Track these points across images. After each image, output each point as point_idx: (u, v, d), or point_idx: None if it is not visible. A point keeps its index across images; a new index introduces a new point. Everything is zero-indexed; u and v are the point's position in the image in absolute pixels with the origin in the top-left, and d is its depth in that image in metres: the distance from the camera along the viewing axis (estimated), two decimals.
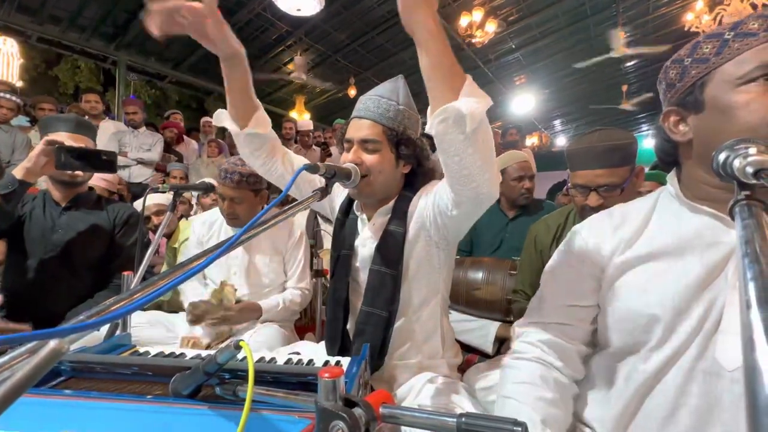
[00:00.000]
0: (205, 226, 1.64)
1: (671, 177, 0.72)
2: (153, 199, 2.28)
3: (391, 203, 1.01)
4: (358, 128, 0.97)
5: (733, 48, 0.62)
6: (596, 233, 0.74)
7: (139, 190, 3.44)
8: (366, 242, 1.03)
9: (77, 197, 1.50)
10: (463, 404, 0.88)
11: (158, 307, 1.77)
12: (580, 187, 1.22)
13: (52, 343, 0.28)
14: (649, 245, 0.68)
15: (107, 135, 3.75)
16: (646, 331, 0.64)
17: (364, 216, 1.06)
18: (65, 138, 1.27)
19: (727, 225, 0.62)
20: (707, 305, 0.61)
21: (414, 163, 1.01)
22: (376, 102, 0.97)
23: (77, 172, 1.42)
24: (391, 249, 0.96)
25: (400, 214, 0.98)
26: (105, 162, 1.18)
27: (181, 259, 1.93)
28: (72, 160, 1.13)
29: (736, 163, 0.41)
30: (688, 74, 0.66)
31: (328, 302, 1.10)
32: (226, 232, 1.60)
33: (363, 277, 1.02)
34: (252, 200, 1.53)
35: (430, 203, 0.94)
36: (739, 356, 0.51)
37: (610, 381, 0.70)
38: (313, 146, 4.76)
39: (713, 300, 0.60)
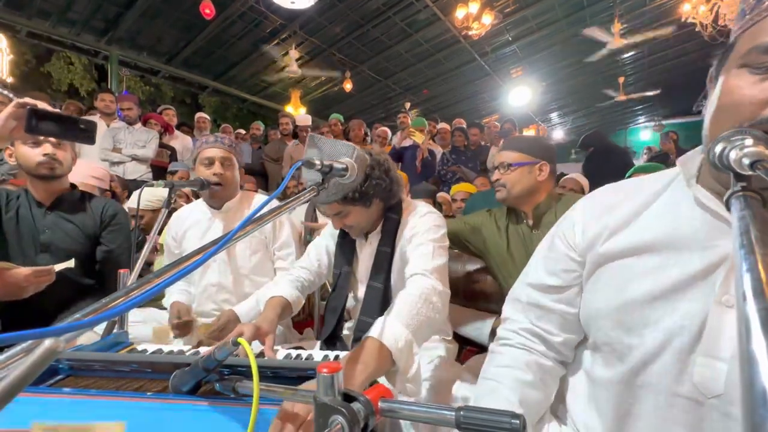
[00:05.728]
0: (179, 221, 1.56)
1: (697, 152, 0.59)
2: (150, 205, 2.21)
3: (380, 227, 1.16)
4: (327, 210, 1.13)
5: (753, 14, 0.48)
6: (588, 212, 0.68)
7: (133, 187, 3.42)
8: (364, 261, 1.20)
9: (61, 197, 1.46)
10: (462, 386, 0.94)
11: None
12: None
13: (48, 342, 0.27)
14: (635, 236, 0.60)
15: (101, 131, 3.72)
16: (610, 336, 0.60)
17: (362, 237, 1.21)
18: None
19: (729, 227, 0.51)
20: (679, 319, 0.53)
21: (380, 195, 1.10)
22: None
23: (53, 154, 1.36)
24: (382, 267, 1.12)
25: (388, 236, 1.13)
26: (82, 131, 1.03)
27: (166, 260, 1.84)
28: (44, 124, 0.97)
29: (733, 154, 0.40)
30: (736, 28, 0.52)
31: (326, 310, 1.23)
32: (205, 221, 1.52)
33: (361, 290, 1.17)
34: (236, 170, 1.51)
35: (405, 248, 1.08)
36: (719, 383, 0.49)
37: (595, 381, 0.65)
38: None
39: (691, 313, 0.52)
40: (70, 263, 1.23)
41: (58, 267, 1.19)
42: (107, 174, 2.45)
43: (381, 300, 1.10)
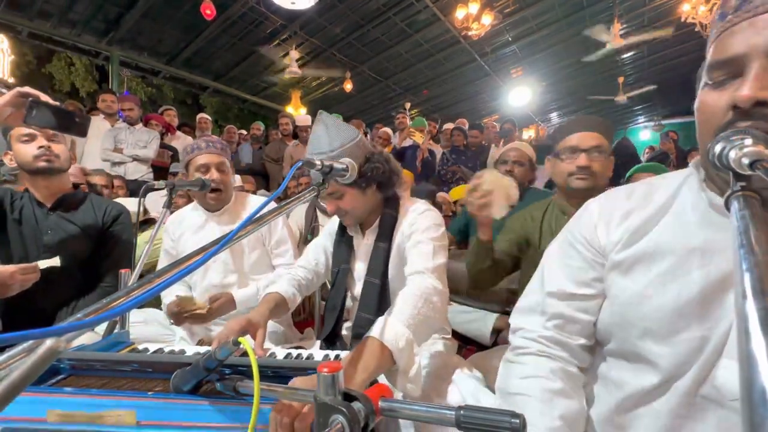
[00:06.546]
0: (174, 225, 1.56)
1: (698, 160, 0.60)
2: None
3: (377, 222, 1.17)
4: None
5: (725, 19, 0.49)
6: (607, 215, 0.65)
7: (134, 187, 3.42)
8: (361, 257, 1.20)
9: (62, 198, 1.45)
10: (461, 376, 0.91)
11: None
12: (570, 150, 1.23)
13: (49, 342, 0.27)
14: (656, 241, 0.59)
15: (103, 131, 3.73)
16: (638, 345, 0.58)
17: (359, 234, 1.22)
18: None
19: None
20: (710, 325, 0.53)
21: (377, 180, 1.09)
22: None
23: (54, 150, 1.36)
24: (379, 262, 1.12)
25: (385, 232, 1.13)
26: (77, 124, 1.09)
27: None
28: (43, 116, 1.02)
29: (732, 154, 0.40)
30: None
31: (325, 309, 1.24)
32: (201, 223, 1.52)
33: (358, 287, 1.17)
34: (230, 173, 1.51)
35: (403, 244, 1.09)
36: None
37: (604, 380, 0.65)
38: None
39: (718, 319, 0.52)
40: (55, 261, 1.22)
41: (43, 264, 1.18)
42: (79, 169, 2.54)
43: (378, 296, 1.10)
